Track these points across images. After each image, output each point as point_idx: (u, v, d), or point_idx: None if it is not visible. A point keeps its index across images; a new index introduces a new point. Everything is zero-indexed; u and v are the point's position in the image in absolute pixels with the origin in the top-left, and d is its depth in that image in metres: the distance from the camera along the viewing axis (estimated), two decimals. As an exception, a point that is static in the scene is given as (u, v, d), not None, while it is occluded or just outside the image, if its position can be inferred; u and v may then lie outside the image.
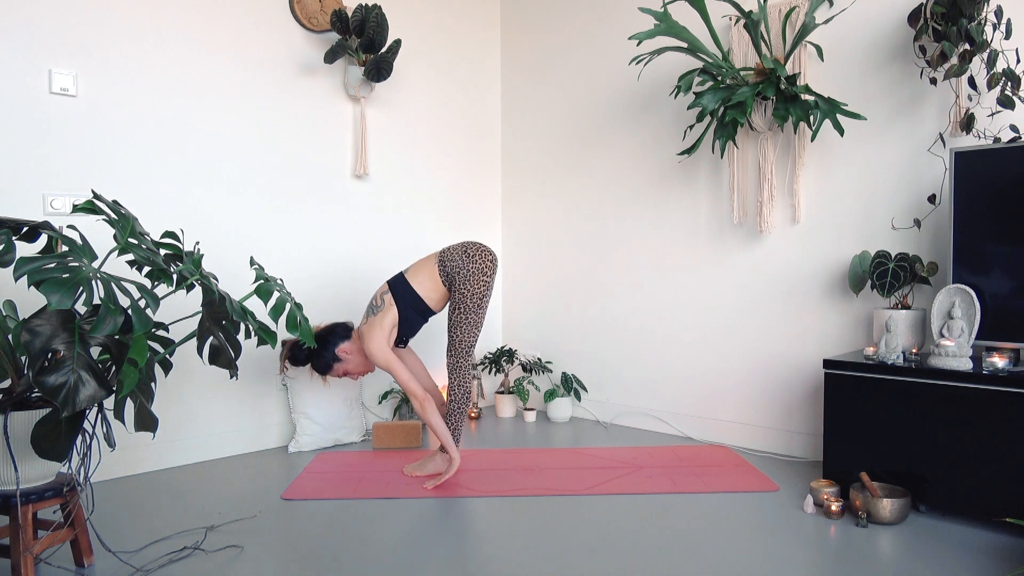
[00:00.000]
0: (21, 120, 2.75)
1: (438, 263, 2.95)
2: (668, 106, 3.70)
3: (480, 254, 2.91)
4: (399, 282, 2.96)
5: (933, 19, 2.69)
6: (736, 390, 3.49)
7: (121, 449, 3.01)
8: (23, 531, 1.90)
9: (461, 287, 2.89)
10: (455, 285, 2.91)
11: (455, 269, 2.90)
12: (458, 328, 2.90)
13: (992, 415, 2.32)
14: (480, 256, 2.91)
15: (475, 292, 2.88)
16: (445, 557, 2.18)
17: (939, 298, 2.56)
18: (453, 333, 2.91)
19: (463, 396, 2.95)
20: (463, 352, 2.92)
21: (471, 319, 2.89)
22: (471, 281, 2.88)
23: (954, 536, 2.32)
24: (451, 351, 2.93)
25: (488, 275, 2.91)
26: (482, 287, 2.89)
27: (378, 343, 2.87)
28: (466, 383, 2.95)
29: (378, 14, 3.50)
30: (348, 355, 2.98)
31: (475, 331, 2.92)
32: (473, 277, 2.88)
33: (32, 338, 1.76)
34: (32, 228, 2.00)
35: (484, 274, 2.90)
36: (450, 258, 2.93)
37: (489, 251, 2.94)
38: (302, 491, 2.78)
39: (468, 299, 2.88)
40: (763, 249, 3.38)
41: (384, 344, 2.88)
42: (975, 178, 2.56)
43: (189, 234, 3.19)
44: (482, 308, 2.91)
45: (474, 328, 2.91)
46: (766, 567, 2.10)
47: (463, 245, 2.95)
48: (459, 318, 2.89)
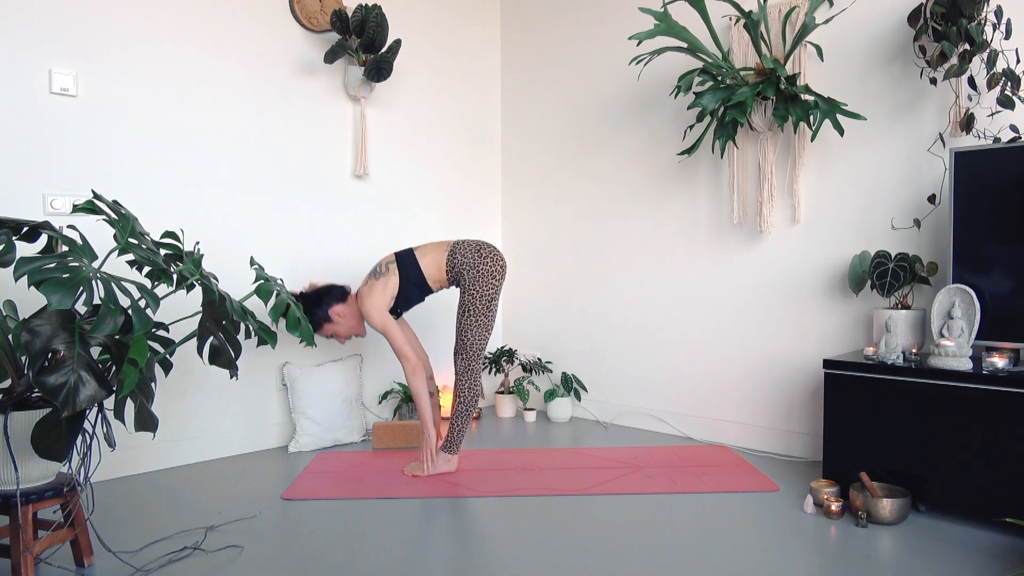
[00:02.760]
0: (21, 120, 2.75)
1: (448, 253, 2.95)
2: (668, 106, 3.70)
3: (492, 256, 2.92)
4: (407, 256, 2.98)
5: (933, 19, 2.69)
6: (736, 390, 3.49)
7: (121, 449, 3.01)
8: (23, 531, 1.90)
9: (471, 287, 2.88)
10: (464, 283, 2.90)
11: (464, 265, 2.90)
12: (468, 331, 2.90)
13: (992, 415, 2.32)
14: (492, 259, 2.91)
15: (484, 294, 2.88)
16: (445, 557, 2.18)
17: (939, 298, 2.56)
18: (463, 336, 2.91)
19: (472, 399, 2.95)
20: (474, 355, 2.92)
21: (481, 321, 2.89)
22: (480, 282, 2.88)
23: (954, 536, 2.32)
24: (462, 353, 2.92)
25: (498, 278, 2.91)
26: (491, 290, 2.89)
27: (377, 305, 2.91)
28: (476, 386, 2.95)
29: (378, 14, 3.50)
30: (340, 317, 3.01)
31: (486, 333, 2.92)
32: (483, 279, 2.88)
33: (32, 338, 1.76)
34: (32, 228, 2.00)
35: (494, 277, 2.90)
36: (462, 252, 2.92)
37: (501, 256, 2.95)
38: (302, 491, 2.78)
39: (477, 300, 2.88)
40: (763, 249, 3.38)
41: (383, 307, 2.92)
42: (975, 178, 2.56)
43: (189, 234, 3.19)
44: (491, 311, 2.90)
45: (484, 331, 2.91)
46: (766, 567, 2.10)
47: (477, 243, 2.94)
48: (469, 320, 2.89)
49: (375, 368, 3.89)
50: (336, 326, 3.02)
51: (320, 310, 2.98)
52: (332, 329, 3.03)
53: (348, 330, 3.05)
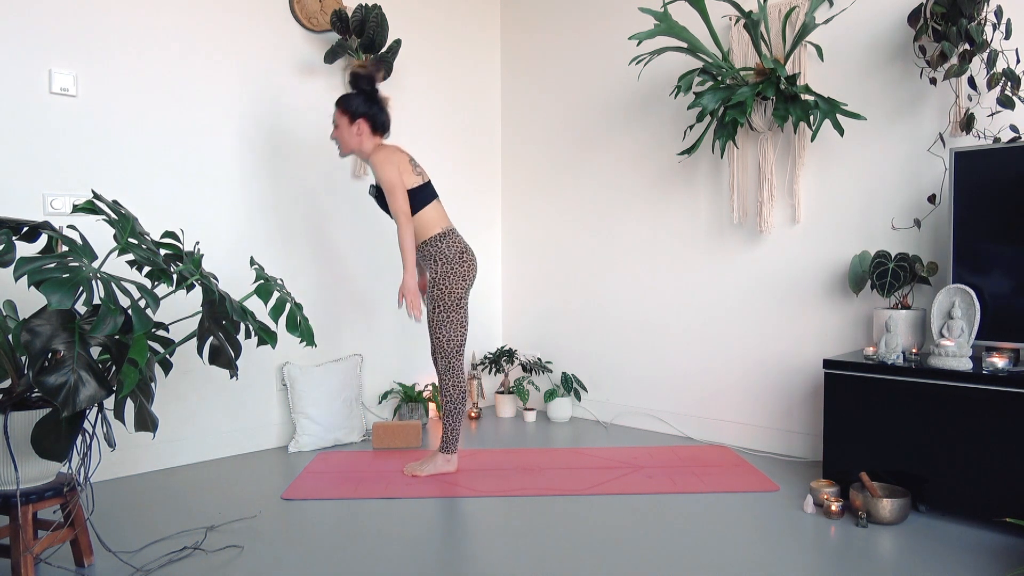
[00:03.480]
0: (21, 120, 2.75)
1: (441, 232, 2.89)
2: (668, 106, 3.70)
3: (471, 260, 2.92)
4: (430, 190, 2.91)
5: (933, 19, 2.69)
6: (736, 390, 3.49)
7: (121, 449, 3.01)
8: (23, 531, 1.90)
9: (441, 281, 2.87)
10: (434, 273, 2.88)
11: (442, 256, 2.88)
12: (441, 328, 2.89)
13: (992, 415, 2.32)
14: (470, 265, 2.92)
15: (454, 292, 2.88)
16: (445, 557, 2.18)
17: (939, 298, 2.56)
18: (438, 335, 2.90)
19: (458, 397, 2.94)
20: (452, 352, 2.91)
21: (452, 318, 2.88)
22: (452, 279, 2.87)
23: (954, 536, 2.32)
24: (440, 353, 2.92)
25: (470, 281, 2.92)
26: (461, 289, 2.89)
27: (394, 169, 2.82)
28: (461, 384, 2.94)
29: (378, 14, 3.50)
30: (358, 133, 2.90)
31: (460, 329, 2.91)
32: (455, 278, 2.88)
33: (32, 338, 1.76)
34: (32, 228, 2.01)
35: (465, 279, 2.90)
36: (449, 244, 2.89)
37: (476, 263, 2.96)
38: (302, 491, 2.78)
39: (447, 296, 2.87)
40: (763, 249, 3.38)
41: (397, 172, 2.82)
42: (975, 178, 2.56)
43: (189, 234, 3.19)
44: (461, 307, 2.90)
45: (459, 327, 2.90)
46: (766, 567, 2.10)
47: (464, 246, 2.93)
48: (441, 317, 2.88)
49: (375, 368, 3.89)
50: (346, 132, 2.89)
51: (358, 106, 2.88)
52: (340, 132, 2.91)
53: (347, 143, 2.91)
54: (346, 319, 3.76)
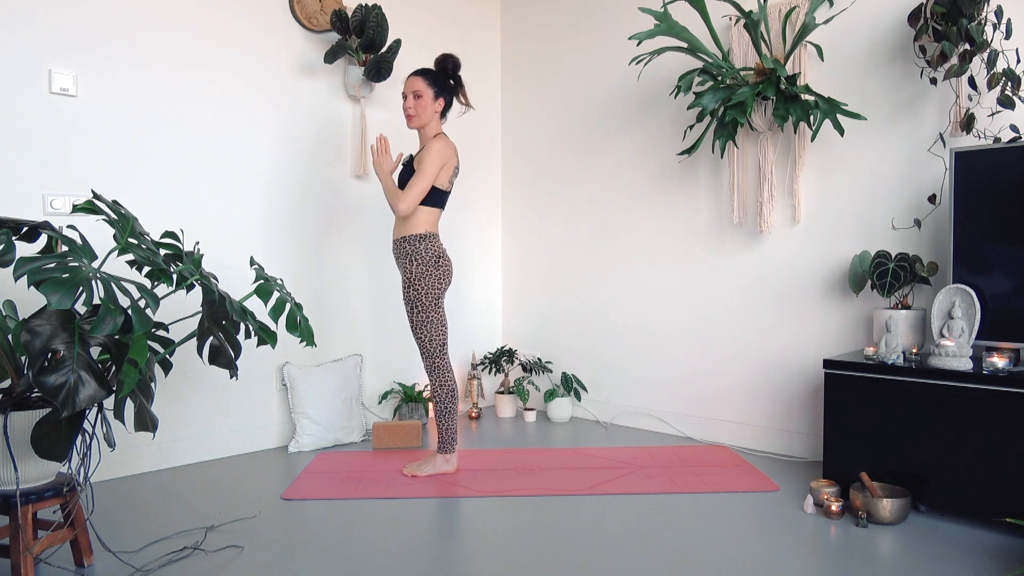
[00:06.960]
0: (21, 120, 2.75)
1: (421, 235, 2.89)
2: (668, 106, 3.70)
3: (447, 266, 2.94)
4: (444, 201, 2.97)
5: (933, 19, 2.69)
6: (736, 390, 3.49)
7: (121, 449, 3.01)
8: (23, 531, 1.90)
9: (417, 282, 2.88)
10: (410, 273, 2.89)
11: (419, 257, 2.88)
12: (422, 328, 2.90)
13: (992, 415, 2.32)
14: (446, 271, 2.93)
15: (431, 292, 2.89)
16: (445, 557, 2.18)
17: (939, 298, 2.56)
18: (419, 335, 2.91)
19: (447, 396, 2.95)
20: (436, 352, 2.92)
21: (431, 317, 2.90)
22: (428, 281, 2.88)
23: (954, 536, 2.32)
24: (424, 353, 2.93)
25: (445, 284, 2.93)
26: (437, 291, 2.91)
27: (440, 163, 2.88)
28: (449, 383, 2.95)
29: (378, 14, 3.50)
30: (436, 111, 2.95)
31: (441, 328, 2.92)
32: (431, 280, 2.89)
33: (32, 338, 1.75)
34: (32, 228, 2.00)
35: (441, 281, 2.91)
36: (428, 247, 2.89)
37: (451, 267, 2.97)
38: (302, 491, 2.78)
39: (424, 296, 2.88)
40: (763, 249, 3.38)
41: (440, 168, 2.89)
42: (975, 178, 2.56)
43: (189, 234, 3.19)
44: (439, 306, 2.92)
45: (439, 325, 2.92)
46: (766, 567, 2.10)
47: (441, 250, 2.93)
48: (420, 318, 2.90)
49: (375, 368, 3.89)
50: (430, 109, 2.93)
51: (445, 87, 2.95)
52: (427, 104, 2.92)
53: (421, 113, 2.93)
54: (346, 319, 3.76)
